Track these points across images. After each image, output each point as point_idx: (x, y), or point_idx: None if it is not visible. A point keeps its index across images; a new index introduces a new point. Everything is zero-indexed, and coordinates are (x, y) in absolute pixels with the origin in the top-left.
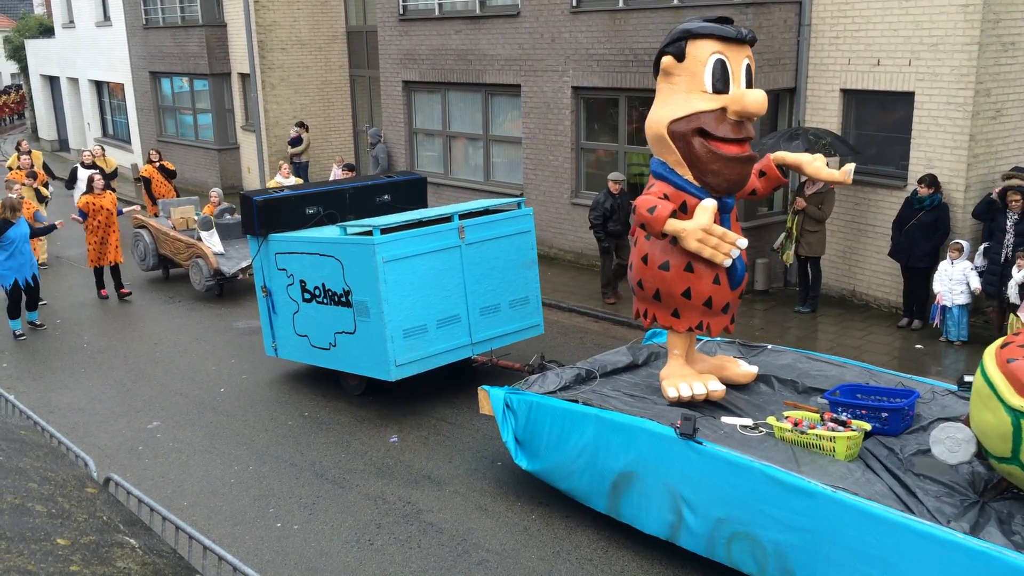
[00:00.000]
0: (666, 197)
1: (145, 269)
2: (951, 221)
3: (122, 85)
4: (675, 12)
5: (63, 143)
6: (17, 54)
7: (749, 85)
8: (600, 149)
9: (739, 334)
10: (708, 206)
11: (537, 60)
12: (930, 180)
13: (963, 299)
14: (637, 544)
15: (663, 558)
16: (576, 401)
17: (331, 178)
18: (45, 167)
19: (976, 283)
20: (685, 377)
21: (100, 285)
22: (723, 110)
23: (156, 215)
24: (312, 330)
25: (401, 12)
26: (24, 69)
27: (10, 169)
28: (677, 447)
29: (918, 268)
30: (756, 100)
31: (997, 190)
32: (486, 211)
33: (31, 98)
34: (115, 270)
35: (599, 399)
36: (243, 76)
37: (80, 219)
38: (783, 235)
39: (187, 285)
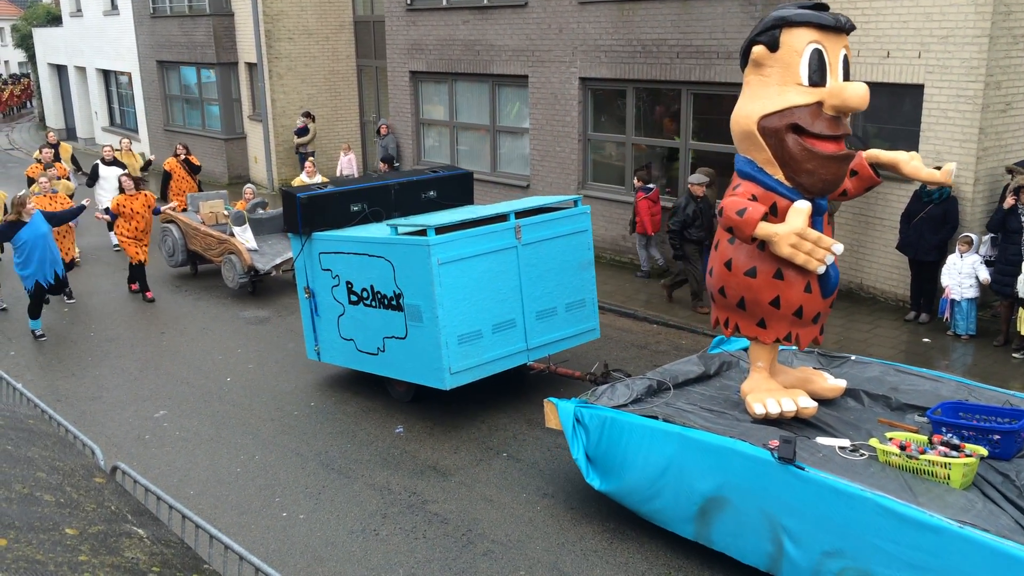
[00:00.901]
0: (754, 198)
1: (173, 265)
2: (960, 214)
3: (129, 74)
4: (683, 4)
5: (70, 132)
6: (25, 43)
7: (846, 78)
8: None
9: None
10: (802, 208)
11: (545, 51)
12: None
13: (972, 292)
14: (642, 535)
15: (668, 550)
16: (655, 417)
17: (338, 167)
18: (73, 160)
19: (985, 274)
20: (771, 392)
21: (132, 280)
22: (819, 104)
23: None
24: (359, 334)
25: (409, 2)
26: (32, 58)
27: (38, 162)
28: (775, 472)
29: (926, 261)
30: (858, 94)
31: (1010, 201)
32: (541, 209)
33: (38, 87)
34: (133, 277)
35: (678, 415)
36: (250, 66)
37: (108, 217)
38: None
39: (193, 275)
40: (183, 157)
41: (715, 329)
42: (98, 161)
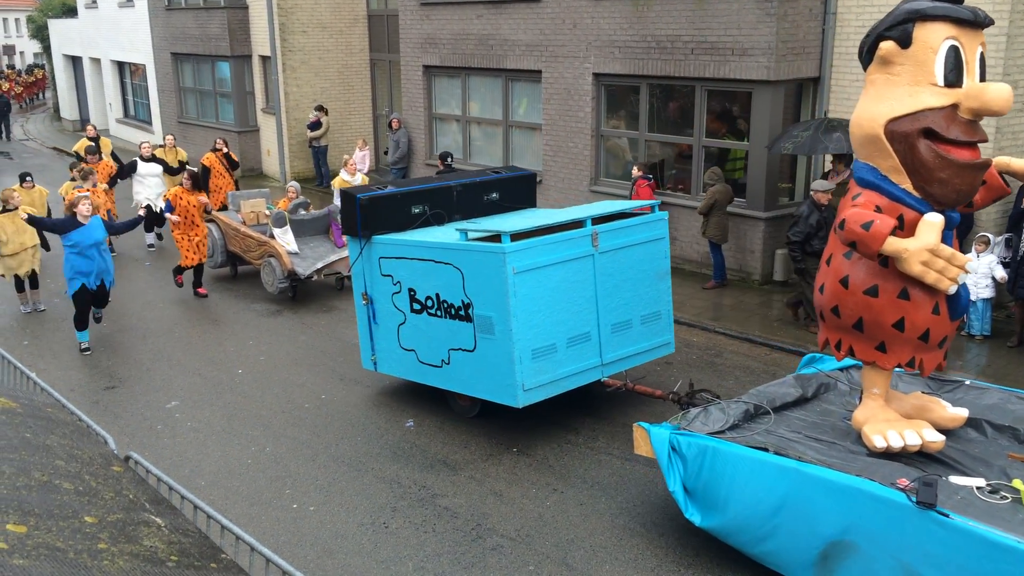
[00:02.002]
0: (878, 210)
1: (212, 266)
2: (975, 214)
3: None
4: (698, 0)
5: (84, 123)
6: (40, 34)
7: (983, 78)
8: (617, 137)
9: (756, 326)
10: (935, 222)
11: (558, 46)
12: None
13: (987, 293)
14: (651, 532)
15: (678, 547)
16: (765, 449)
17: (353, 160)
18: (113, 155)
19: (1001, 273)
20: (891, 423)
21: (178, 271)
22: (954, 107)
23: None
24: (421, 344)
25: None
26: (47, 49)
27: (78, 158)
28: (913, 517)
29: None
30: (1001, 96)
31: None
32: (618, 215)
33: (53, 78)
34: (199, 268)
35: (787, 446)
36: (264, 58)
37: (167, 212)
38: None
39: (233, 277)
40: (224, 151)
41: (824, 351)
42: (136, 159)
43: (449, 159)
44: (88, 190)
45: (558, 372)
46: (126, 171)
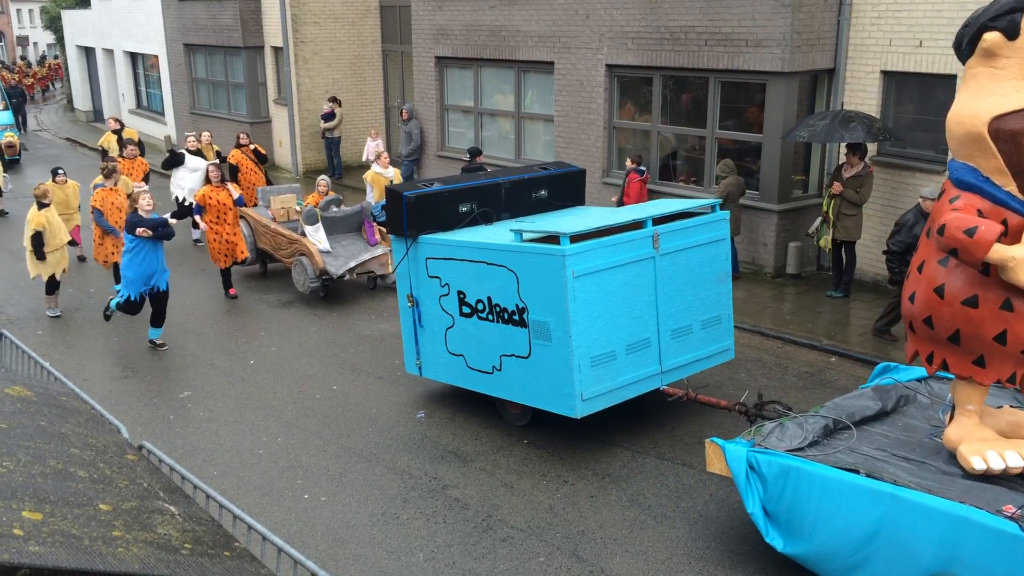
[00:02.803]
0: (980, 214)
1: (242, 264)
2: None
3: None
4: None
5: (97, 114)
6: (53, 25)
7: None
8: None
9: (768, 320)
10: None
11: (571, 37)
12: None
13: None
14: (662, 525)
15: (688, 540)
16: (855, 470)
17: (364, 152)
18: (140, 146)
19: None
20: (989, 442)
21: (227, 284)
22: None
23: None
24: (470, 350)
25: None
26: (60, 40)
27: (104, 154)
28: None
29: None
30: None
31: None
32: (678, 215)
33: (67, 69)
34: (226, 278)
35: (877, 467)
36: (276, 50)
37: (198, 214)
38: (819, 220)
39: (262, 275)
40: (253, 147)
41: (914, 363)
42: (184, 150)
43: (475, 156)
44: (112, 189)
45: (617, 380)
46: (171, 162)
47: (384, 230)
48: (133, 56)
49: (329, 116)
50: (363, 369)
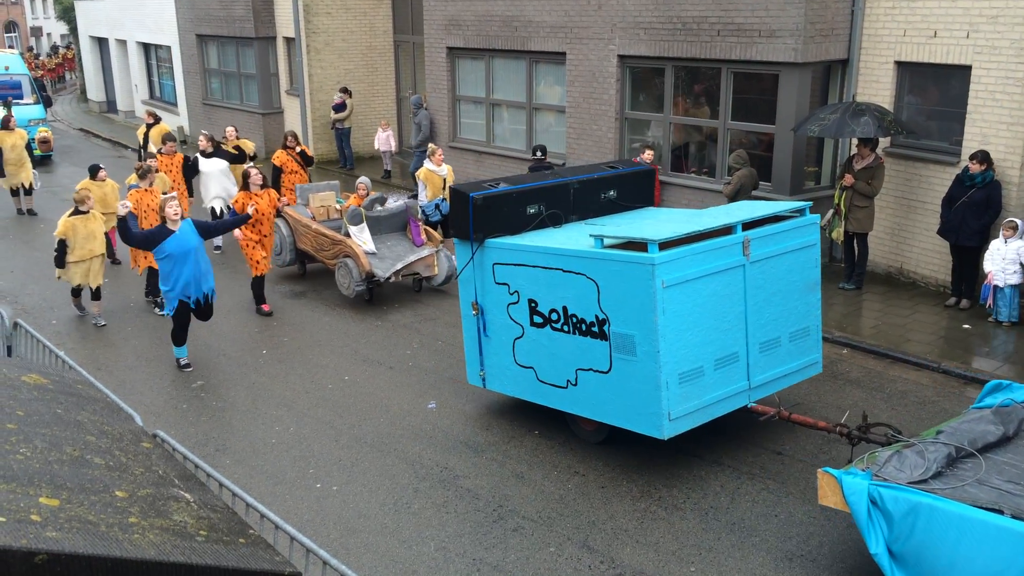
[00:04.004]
0: None
1: (280, 265)
2: (1004, 199)
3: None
4: None
5: (111, 104)
6: (67, 15)
7: None
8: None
9: None
10: None
11: (583, 27)
12: (982, 156)
13: (1016, 279)
14: (673, 515)
15: (699, 531)
16: (999, 510)
17: (376, 142)
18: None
19: None
20: None
21: (261, 299)
22: None
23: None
24: (542, 362)
25: None
26: (73, 30)
27: (137, 148)
28: None
29: (968, 247)
30: None
31: None
32: (767, 219)
33: (80, 59)
34: (259, 288)
35: (1009, 501)
36: (288, 40)
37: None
38: (831, 212)
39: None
40: (299, 149)
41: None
42: (196, 155)
43: (540, 152)
44: (147, 190)
45: (704, 398)
46: (190, 171)
47: (430, 230)
48: (146, 47)
49: (340, 107)
50: (375, 359)
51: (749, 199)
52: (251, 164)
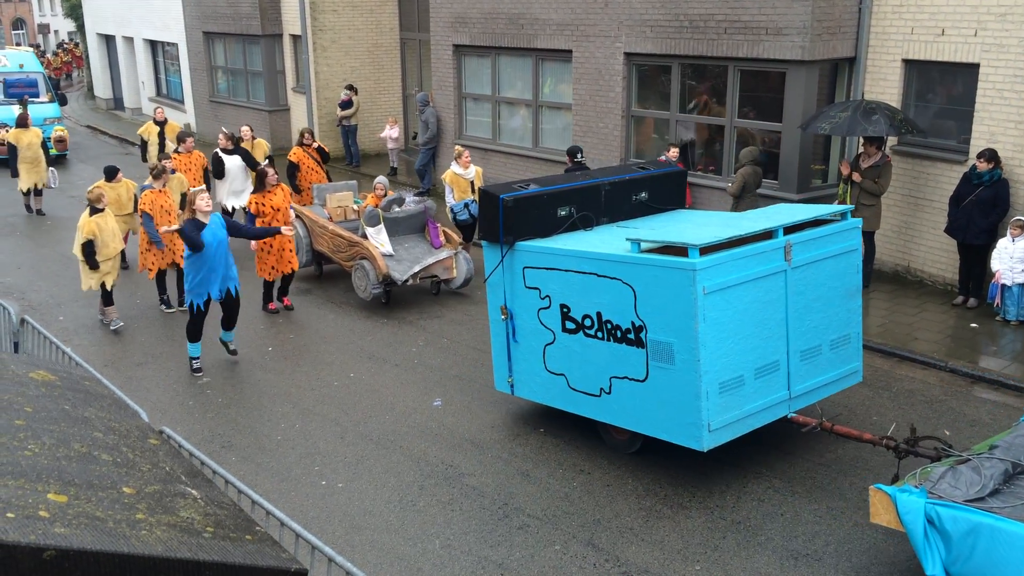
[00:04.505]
0: None
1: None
2: (1011, 197)
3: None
4: None
5: (118, 102)
6: (74, 12)
7: None
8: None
9: None
10: None
11: (590, 25)
12: (990, 155)
13: (1023, 278)
14: (678, 514)
15: (704, 529)
16: None
17: (388, 142)
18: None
19: None
20: None
21: (268, 298)
22: None
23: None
24: (574, 369)
25: None
26: (81, 28)
27: (139, 144)
28: None
29: (975, 245)
30: None
31: None
32: (808, 223)
33: (87, 57)
34: (288, 278)
35: None
36: (295, 38)
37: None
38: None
39: (318, 277)
40: (316, 146)
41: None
42: (218, 151)
43: (579, 155)
44: (161, 191)
45: (744, 408)
46: (215, 172)
47: (449, 231)
48: (153, 44)
49: (346, 104)
50: (380, 357)
51: (753, 197)
52: (265, 163)
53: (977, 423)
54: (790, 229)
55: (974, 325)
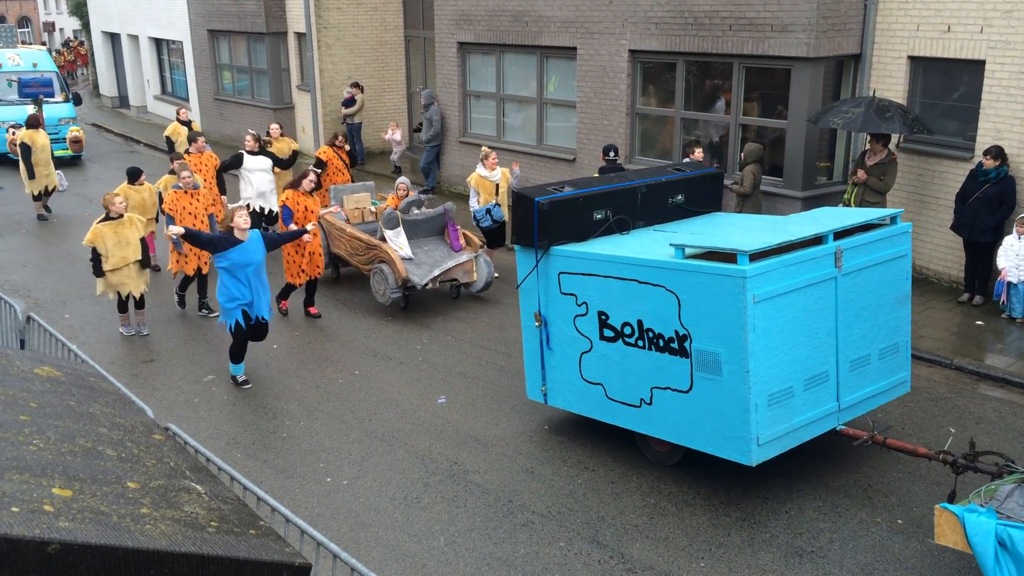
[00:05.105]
0: None
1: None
2: (1018, 195)
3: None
4: None
5: (123, 100)
6: (79, 11)
7: None
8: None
9: None
10: None
11: (594, 22)
12: (996, 152)
13: None
14: (683, 511)
15: (709, 527)
16: None
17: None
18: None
19: None
20: None
21: (284, 296)
22: None
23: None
24: (612, 379)
25: None
26: (86, 26)
27: (171, 147)
28: None
29: (981, 243)
30: None
31: None
32: (858, 228)
33: (92, 55)
34: (312, 285)
35: None
36: (299, 35)
37: (287, 222)
38: (840, 207)
39: (335, 280)
40: (347, 149)
41: None
42: (242, 151)
43: (612, 153)
44: (186, 192)
45: (793, 421)
46: (229, 165)
47: (469, 234)
48: (158, 42)
49: (350, 102)
50: (385, 354)
51: (759, 195)
52: (312, 167)
53: (983, 421)
54: (840, 234)
55: (980, 322)
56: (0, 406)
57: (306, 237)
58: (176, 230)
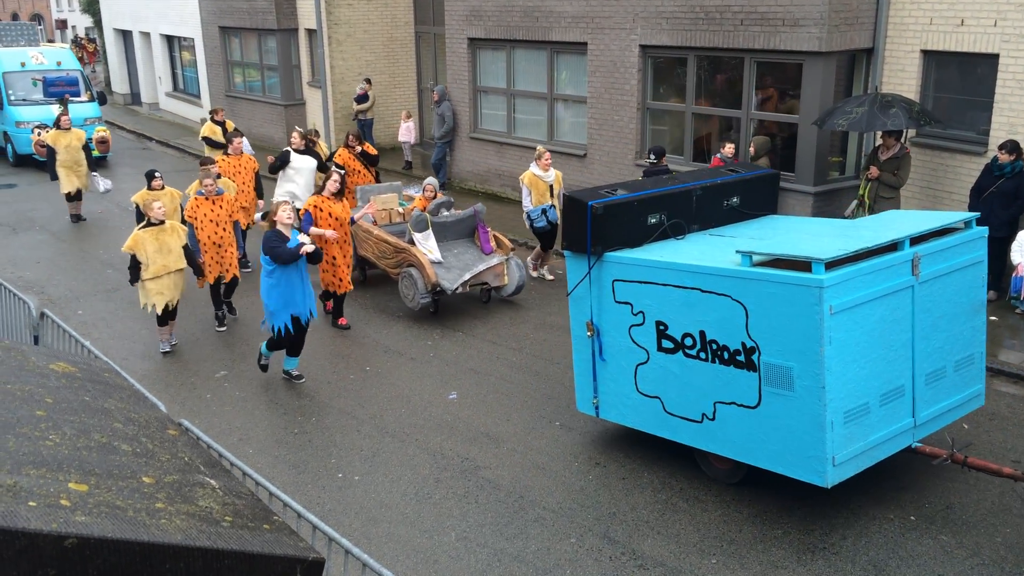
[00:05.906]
0: None
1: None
2: None
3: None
4: None
5: (135, 97)
6: (91, 8)
7: None
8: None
9: None
10: None
11: (605, 17)
12: (1011, 146)
13: None
14: (694, 507)
15: (721, 523)
16: None
17: (400, 135)
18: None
19: None
20: None
21: (338, 313)
22: None
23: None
24: (671, 392)
25: None
26: (98, 23)
27: (209, 145)
28: None
29: (996, 238)
30: None
31: None
32: (934, 233)
33: (104, 52)
34: (329, 295)
35: None
36: (310, 32)
37: (306, 230)
38: (855, 203)
39: (362, 282)
40: (359, 149)
41: None
42: (288, 149)
43: (655, 155)
44: (207, 198)
45: (869, 438)
46: (279, 166)
47: (500, 236)
48: (169, 39)
49: (362, 98)
50: (396, 350)
51: None
52: (333, 168)
53: (996, 417)
54: (916, 239)
55: (994, 318)
56: (17, 402)
57: (329, 234)
58: (308, 247)
